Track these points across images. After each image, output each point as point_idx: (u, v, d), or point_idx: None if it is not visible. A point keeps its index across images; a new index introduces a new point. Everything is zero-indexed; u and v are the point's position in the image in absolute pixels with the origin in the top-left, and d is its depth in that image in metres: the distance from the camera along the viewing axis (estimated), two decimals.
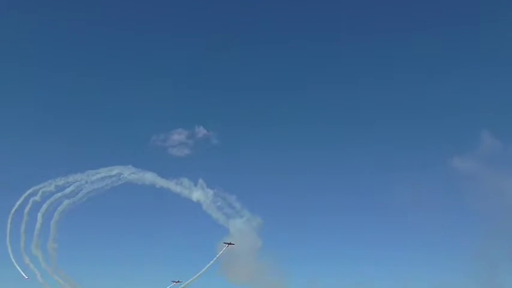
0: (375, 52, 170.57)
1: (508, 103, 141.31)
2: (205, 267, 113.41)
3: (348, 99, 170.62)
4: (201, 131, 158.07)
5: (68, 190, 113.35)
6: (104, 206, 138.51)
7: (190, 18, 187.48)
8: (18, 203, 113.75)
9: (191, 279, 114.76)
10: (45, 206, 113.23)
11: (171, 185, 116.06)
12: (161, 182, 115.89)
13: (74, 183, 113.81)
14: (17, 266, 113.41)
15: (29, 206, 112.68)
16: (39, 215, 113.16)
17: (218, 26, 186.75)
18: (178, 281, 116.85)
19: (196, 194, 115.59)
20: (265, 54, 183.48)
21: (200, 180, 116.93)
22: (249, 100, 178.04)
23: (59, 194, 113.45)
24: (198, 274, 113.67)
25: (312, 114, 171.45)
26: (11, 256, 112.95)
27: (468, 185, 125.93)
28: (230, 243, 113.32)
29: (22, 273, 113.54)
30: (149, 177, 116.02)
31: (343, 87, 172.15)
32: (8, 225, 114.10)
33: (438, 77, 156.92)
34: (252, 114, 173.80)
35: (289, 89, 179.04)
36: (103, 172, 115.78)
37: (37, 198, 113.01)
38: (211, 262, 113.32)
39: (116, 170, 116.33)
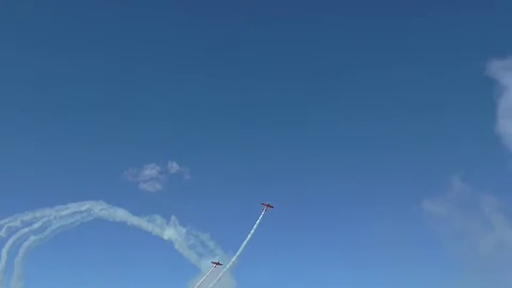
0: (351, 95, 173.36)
1: (477, 149, 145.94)
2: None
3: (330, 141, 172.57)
4: (173, 167, 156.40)
5: (35, 226, 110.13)
6: (73, 243, 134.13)
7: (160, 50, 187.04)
8: None
9: None
10: (10, 241, 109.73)
11: (142, 222, 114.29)
12: (132, 220, 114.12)
13: (41, 218, 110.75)
14: None
15: None
16: (4, 252, 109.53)
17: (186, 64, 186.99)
18: (218, 263, 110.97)
19: (168, 233, 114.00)
20: (242, 89, 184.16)
21: (173, 217, 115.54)
22: (223, 136, 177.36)
23: (26, 230, 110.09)
24: None
25: (290, 149, 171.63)
26: None
27: (438, 227, 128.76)
28: (218, 263, 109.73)
29: None
30: (120, 213, 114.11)
31: (326, 126, 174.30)
32: None
33: (410, 123, 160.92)
34: (226, 150, 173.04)
35: (266, 125, 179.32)
36: (73, 207, 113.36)
37: (2, 233, 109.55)
38: (199, 283, 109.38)
39: (86, 205, 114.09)
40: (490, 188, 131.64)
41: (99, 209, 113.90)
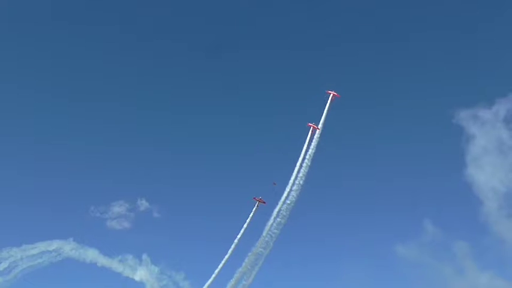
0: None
1: (448, 195, 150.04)
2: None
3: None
4: (143, 204, 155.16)
5: (1, 266, 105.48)
6: (42, 285, 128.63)
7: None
8: None
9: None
10: None
11: (113, 263, 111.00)
12: (103, 261, 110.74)
13: (7, 258, 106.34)
14: None
15: None
16: None
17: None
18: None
19: (140, 273, 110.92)
20: (209, 125, 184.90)
21: (144, 256, 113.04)
22: (192, 173, 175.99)
23: None
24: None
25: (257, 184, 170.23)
26: None
27: (410, 271, 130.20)
28: (261, 200, 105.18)
29: None
30: (91, 254, 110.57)
31: None
32: None
33: (382, 170, 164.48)
34: (195, 187, 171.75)
35: (231, 158, 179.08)
36: (41, 246, 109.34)
37: None
38: (246, 222, 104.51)
39: (55, 245, 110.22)
40: (461, 233, 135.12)
41: (69, 248, 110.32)
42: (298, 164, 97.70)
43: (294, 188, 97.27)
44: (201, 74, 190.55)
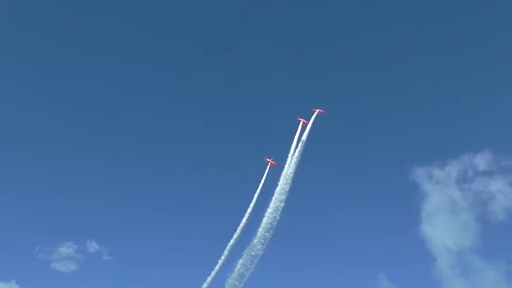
0: None
1: (403, 250, 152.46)
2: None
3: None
4: (92, 246, 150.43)
5: None
6: None
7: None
8: None
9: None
10: None
11: None
12: None
13: None
14: None
15: None
16: None
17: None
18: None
19: None
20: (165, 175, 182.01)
21: None
22: (146, 216, 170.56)
23: None
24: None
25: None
26: None
27: None
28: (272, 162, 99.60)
29: None
30: None
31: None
32: None
33: (338, 223, 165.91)
34: (148, 231, 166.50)
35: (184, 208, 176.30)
36: None
37: None
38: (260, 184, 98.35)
39: None
40: None
41: None
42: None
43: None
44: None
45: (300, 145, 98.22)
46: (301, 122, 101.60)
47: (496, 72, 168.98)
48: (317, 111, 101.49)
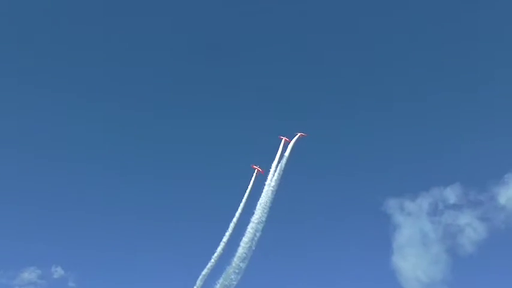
0: None
1: (374, 281, 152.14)
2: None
3: None
4: (57, 271, 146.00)
5: None
6: None
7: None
8: None
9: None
10: None
11: None
12: None
13: None
14: None
15: None
16: None
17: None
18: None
19: None
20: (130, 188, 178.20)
21: None
22: (112, 242, 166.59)
23: None
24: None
25: None
26: None
27: None
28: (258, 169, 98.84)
29: None
30: None
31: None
32: None
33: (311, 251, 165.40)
34: (116, 258, 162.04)
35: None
36: None
37: None
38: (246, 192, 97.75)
39: None
40: None
41: None
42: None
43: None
44: None
45: (278, 168, 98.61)
46: (283, 140, 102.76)
47: (463, 111, 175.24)
48: (299, 134, 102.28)
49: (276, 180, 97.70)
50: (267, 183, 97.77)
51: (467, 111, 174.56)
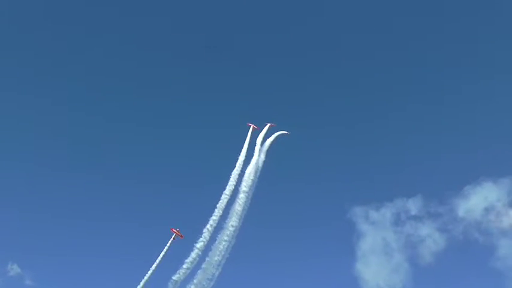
0: None
1: (335, 286, 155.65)
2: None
3: None
4: (13, 269, 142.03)
5: None
6: None
7: None
8: None
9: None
10: None
11: None
12: None
13: None
14: None
15: None
16: None
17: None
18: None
19: None
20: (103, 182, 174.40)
21: None
22: (72, 238, 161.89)
23: None
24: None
25: None
26: None
27: None
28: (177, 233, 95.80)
29: None
30: None
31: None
32: None
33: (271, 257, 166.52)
34: (75, 257, 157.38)
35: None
36: None
37: None
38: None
39: None
40: None
41: None
42: None
43: None
44: None
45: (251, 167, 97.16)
46: (251, 127, 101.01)
47: (426, 125, 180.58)
48: (269, 124, 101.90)
49: (250, 181, 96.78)
50: (241, 186, 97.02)
51: (430, 125, 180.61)
